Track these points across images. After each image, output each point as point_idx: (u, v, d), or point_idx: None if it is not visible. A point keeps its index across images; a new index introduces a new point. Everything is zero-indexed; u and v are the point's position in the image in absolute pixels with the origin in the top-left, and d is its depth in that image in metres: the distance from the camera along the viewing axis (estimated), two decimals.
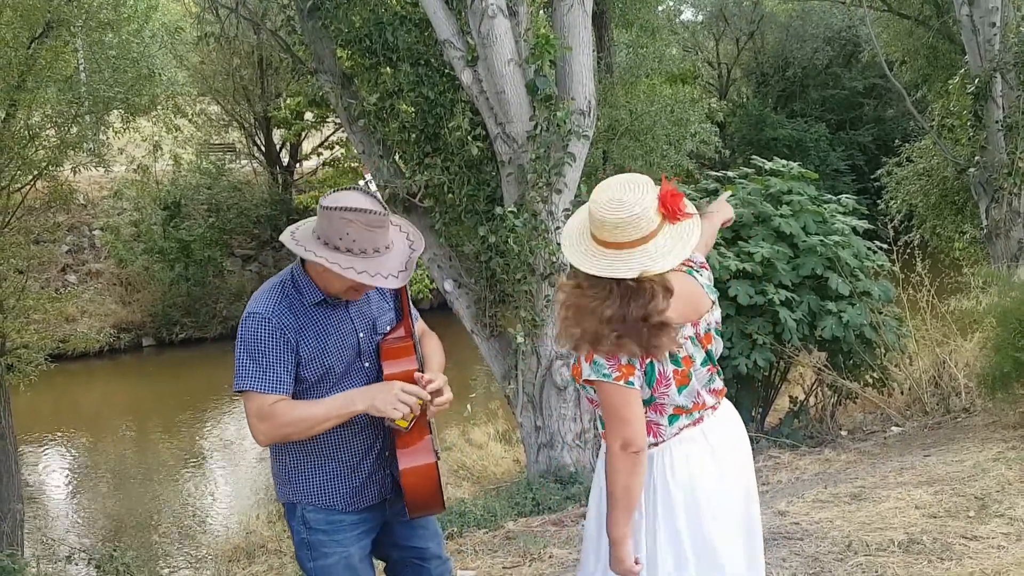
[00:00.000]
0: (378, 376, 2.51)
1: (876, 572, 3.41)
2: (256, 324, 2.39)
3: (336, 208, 2.34)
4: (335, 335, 2.47)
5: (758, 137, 23.65)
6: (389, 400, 2.39)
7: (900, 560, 3.50)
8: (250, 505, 9.44)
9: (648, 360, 2.21)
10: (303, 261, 2.46)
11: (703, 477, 2.28)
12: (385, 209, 2.38)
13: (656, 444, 2.29)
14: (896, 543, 3.64)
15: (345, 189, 2.41)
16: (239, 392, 2.41)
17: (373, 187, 2.52)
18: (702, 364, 2.31)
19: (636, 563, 2.23)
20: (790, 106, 26.06)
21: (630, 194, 2.16)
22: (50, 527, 10.05)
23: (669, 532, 2.25)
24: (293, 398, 2.42)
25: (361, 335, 2.51)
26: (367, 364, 2.52)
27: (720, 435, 2.35)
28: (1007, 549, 3.53)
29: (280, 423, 2.37)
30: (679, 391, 2.28)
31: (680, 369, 2.27)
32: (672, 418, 2.29)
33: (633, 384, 2.20)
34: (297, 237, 2.41)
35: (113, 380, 17.18)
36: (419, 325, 2.68)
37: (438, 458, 2.52)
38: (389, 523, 2.63)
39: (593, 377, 2.20)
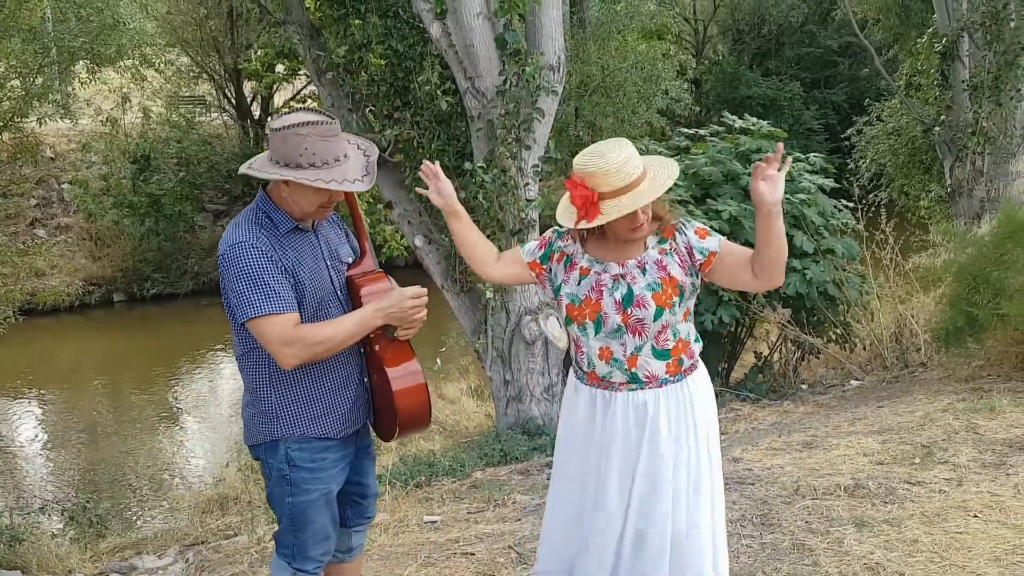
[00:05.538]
0: (350, 306, 2.54)
1: (821, 514, 3.56)
2: (248, 251, 2.35)
3: (287, 127, 2.33)
4: (310, 261, 2.49)
5: (733, 95, 23.60)
6: (404, 305, 2.42)
7: (845, 503, 3.65)
8: (224, 458, 9.50)
9: None
10: (266, 192, 2.47)
11: None
12: (332, 119, 2.40)
13: None
14: (842, 487, 3.79)
15: (288, 112, 2.43)
16: (249, 321, 2.34)
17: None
18: None
19: None
20: (765, 64, 25.96)
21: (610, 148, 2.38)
22: (23, 480, 10.08)
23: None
24: None
25: (328, 262, 2.55)
26: (340, 293, 2.55)
27: None
28: (948, 493, 3.69)
29: (309, 343, 2.36)
30: None
31: None
32: None
33: None
34: (256, 167, 2.40)
35: (85, 335, 17.06)
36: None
37: None
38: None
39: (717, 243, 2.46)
